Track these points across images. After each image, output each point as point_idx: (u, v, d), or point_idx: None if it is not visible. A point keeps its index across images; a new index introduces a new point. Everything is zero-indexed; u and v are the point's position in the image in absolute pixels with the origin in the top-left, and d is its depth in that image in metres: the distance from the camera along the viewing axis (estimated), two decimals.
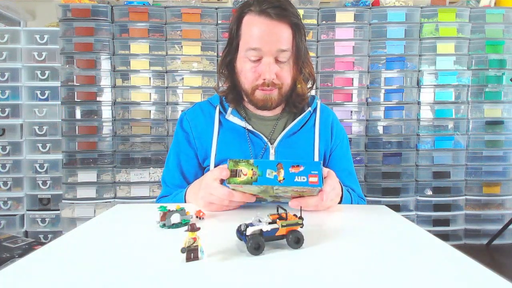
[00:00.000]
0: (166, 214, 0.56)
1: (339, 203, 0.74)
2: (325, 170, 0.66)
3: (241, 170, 0.56)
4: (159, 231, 0.54)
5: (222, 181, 0.64)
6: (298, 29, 0.79)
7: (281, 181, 0.54)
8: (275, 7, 0.76)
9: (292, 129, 0.87)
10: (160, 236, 0.52)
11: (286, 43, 0.78)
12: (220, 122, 0.88)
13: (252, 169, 0.56)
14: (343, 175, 0.87)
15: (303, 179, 0.55)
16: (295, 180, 0.55)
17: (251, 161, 0.57)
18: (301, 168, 0.55)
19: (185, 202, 0.78)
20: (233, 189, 0.61)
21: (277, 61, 0.79)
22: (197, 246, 0.43)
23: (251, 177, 0.56)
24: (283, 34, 0.77)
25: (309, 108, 0.90)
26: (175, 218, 0.56)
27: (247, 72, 0.81)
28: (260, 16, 0.77)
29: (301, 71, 0.86)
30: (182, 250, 0.42)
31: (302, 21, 0.82)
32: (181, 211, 0.57)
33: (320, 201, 0.61)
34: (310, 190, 0.57)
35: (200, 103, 0.96)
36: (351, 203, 0.81)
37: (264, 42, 0.76)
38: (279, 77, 0.80)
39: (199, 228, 0.43)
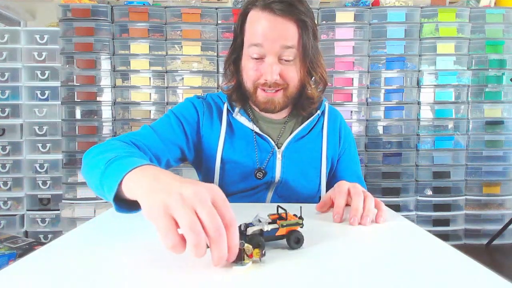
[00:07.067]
0: None
1: None
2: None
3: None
4: None
5: None
6: (305, 26, 0.73)
7: None
8: (280, 2, 0.71)
9: (300, 133, 0.85)
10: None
11: (291, 39, 0.72)
12: (227, 119, 0.85)
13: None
14: (352, 179, 0.83)
15: None
16: None
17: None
18: None
19: (119, 182, 0.47)
20: None
21: (281, 60, 0.74)
22: (246, 256, 0.40)
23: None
24: (287, 30, 0.72)
25: (318, 112, 0.87)
26: None
27: (249, 71, 0.76)
28: (263, 11, 0.72)
29: (311, 73, 0.80)
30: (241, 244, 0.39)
31: (312, 18, 0.76)
32: None
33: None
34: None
35: (211, 95, 0.90)
36: None
37: (266, 38, 0.72)
38: (284, 77, 0.75)
39: (259, 258, 0.41)
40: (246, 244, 0.41)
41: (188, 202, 0.37)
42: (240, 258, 0.40)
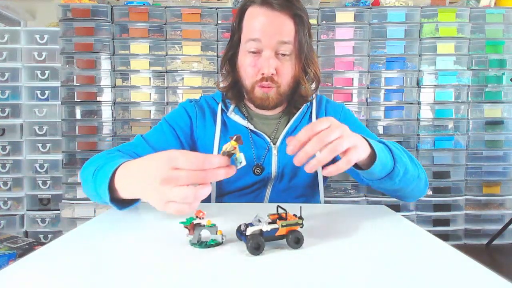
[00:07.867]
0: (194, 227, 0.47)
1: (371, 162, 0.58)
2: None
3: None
4: (159, 230, 0.54)
5: None
6: (301, 22, 0.76)
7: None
8: None
9: (291, 126, 0.86)
10: (160, 235, 0.52)
11: (288, 35, 0.75)
12: (222, 119, 0.86)
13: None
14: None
15: None
16: None
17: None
18: None
19: (107, 189, 0.54)
20: None
21: (278, 55, 0.76)
22: (234, 153, 0.44)
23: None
24: (285, 25, 0.75)
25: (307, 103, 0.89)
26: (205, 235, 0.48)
27: (247, 67, 0.78)
28: (261, 7, 0.75)
29: (305, 70, 0.82)
30: (223, 154, 0.43)
31: (307, 16, 0.79)
32: (212, 228, 0.48)
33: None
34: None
35: (205, 97, 0.92)
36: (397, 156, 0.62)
37: (264, 33, 0.74)
38: (279, 73, 0.77)
39: (242, 142, 0.44)
40: (224, 147, 0.43)
41: (167, 185, 0.44)
42: (233, 160, 0.44)
